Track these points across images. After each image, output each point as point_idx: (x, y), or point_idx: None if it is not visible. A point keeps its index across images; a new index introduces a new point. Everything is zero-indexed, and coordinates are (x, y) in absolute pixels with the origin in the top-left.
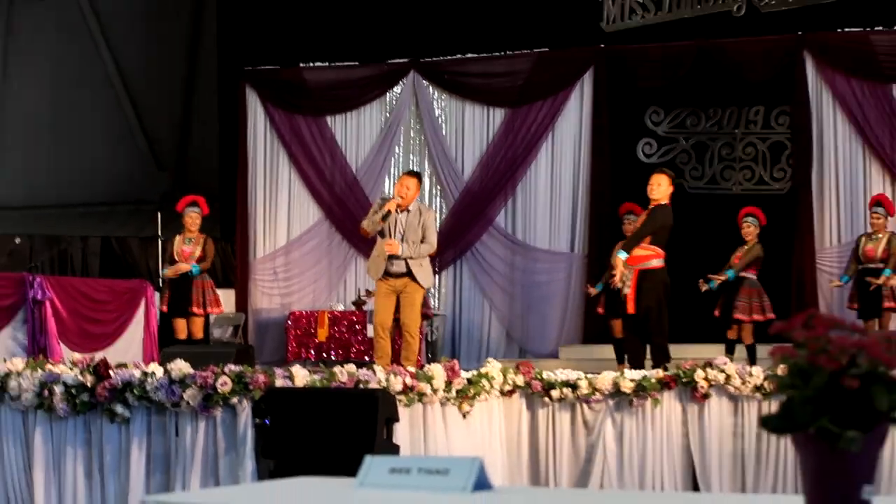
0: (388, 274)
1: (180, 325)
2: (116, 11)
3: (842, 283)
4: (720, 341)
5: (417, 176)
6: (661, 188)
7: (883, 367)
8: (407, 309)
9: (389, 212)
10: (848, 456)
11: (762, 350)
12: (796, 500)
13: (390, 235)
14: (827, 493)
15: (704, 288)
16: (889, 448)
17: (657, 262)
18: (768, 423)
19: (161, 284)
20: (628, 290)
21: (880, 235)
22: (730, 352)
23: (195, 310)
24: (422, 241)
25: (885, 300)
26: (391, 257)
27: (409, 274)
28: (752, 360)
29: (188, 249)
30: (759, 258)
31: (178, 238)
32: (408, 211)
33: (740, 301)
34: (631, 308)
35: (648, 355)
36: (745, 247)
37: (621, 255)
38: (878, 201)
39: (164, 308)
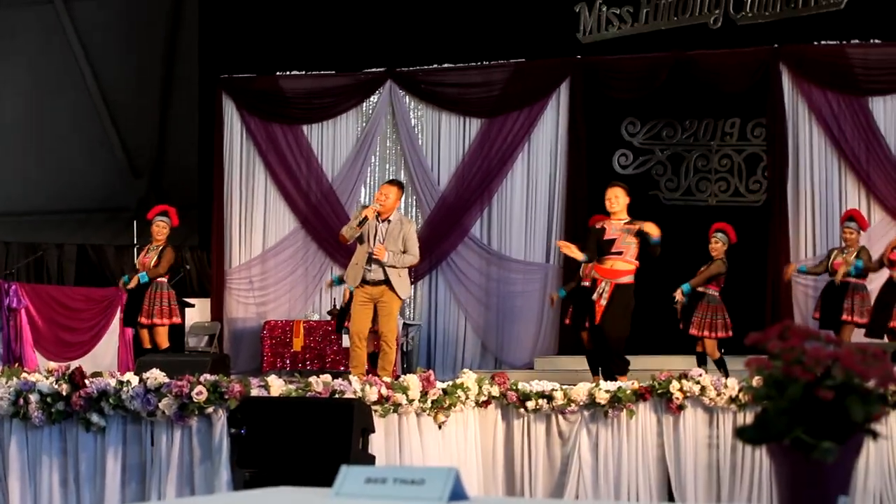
0: (365, 282)
1: (143, 335)
2: (94, 20)
3: (799, 271)
4: (693, 353)
5: (398, 185)
6: (619, 200)
7: (857, 379)
8: (384, 319)
9: (367, 218)
10: (823, 466)
11: (737, 362)
12: None
13: (369, 244)
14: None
15: (680, 299)
16: (863, 459)
17: (630, 279)
18: (743, 434)
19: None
20: (604, 302)
21: (852, 249)
22: (701, 364)
23: (142, 320)
24: (404, 252)
25: (845, 313)
26: (369, 263)
27: (386, 282)
28: (724, 373)
29: (148, 258)
30: (720, 275)
31: (146, 248)
32: (388, 221)
33: (696, 316)
34: (597, 318)
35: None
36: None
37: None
38: (850, 216)
39: (121, 315)
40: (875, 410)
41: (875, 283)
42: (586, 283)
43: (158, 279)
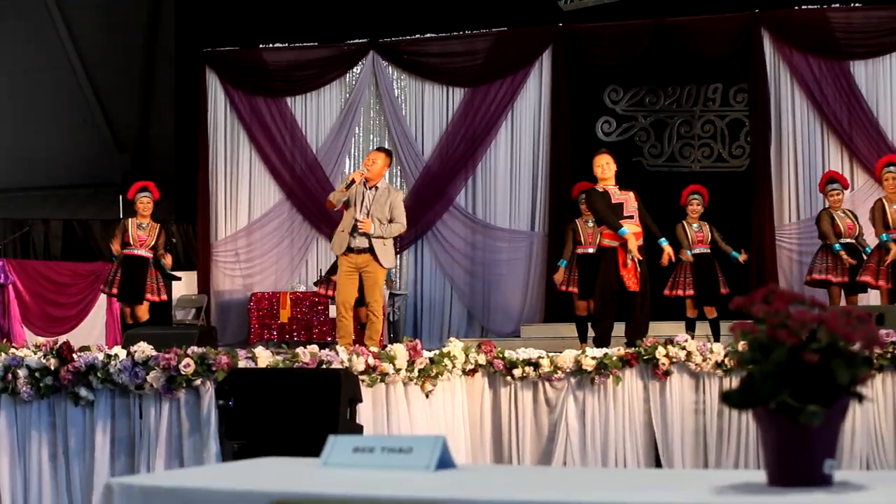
0: (350, 249)
1: (127, 311)
2: None
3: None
4: (681, 318)
5: (387, 152)
6: (610, 167)
7: (843, 342)
8: (370, 289)
9: (353, 181)
10: (809, 430)
11: (724, 327)
12: (758, 475)
13: (356, 209)
14: (788, 468)
15: (686, 257)
16: (850, 422)
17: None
18: (729, 399)
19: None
20: (631, 264)
21: (843, 211)
22: (690, 329)
23: (150, 297)
24: (390, 221)
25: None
26: (354, 231)
27: (371, 251)
28: (715, 335)
29: (142, 235)
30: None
31: (130, 221)
32: (376, 188)
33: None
34: (634, 284)
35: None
36: (704, 225)
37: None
38: (829, 178)
39: (115, 290)
40: (860, 373)
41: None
42: (591, 251)
43: (143, 254)
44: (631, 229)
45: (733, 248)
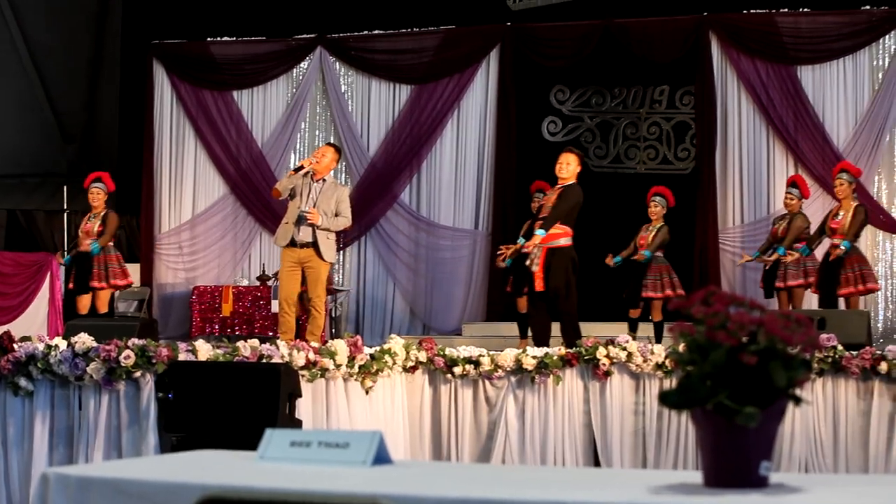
0: (293, 243)
1: (83, 302)
2: None
3: (752, 258)
4: (623, 319)
5: (336, 148)
6: (570, 167)
7: (781, 344)
8: (312, 284)
9: (303, 167)
10: (745, 432)
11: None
12: (695, 476)
13: (302, 201)
14: (724, 469)
15: (611, 262)
16: (788, 425)
17: (565, 241)
18: (667, 399)
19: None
20: (536, 268)
21: (790, 215)
22: (632, 330)
23: (96, 284)
24: (336, 216)
25: (778, 280)
26: (299, 224)
27: (314, 245)
28: (658, 336)
29: (90, 226)
30: (666, 241)
31: (86, 216)
32: (323, 181)
33: (649, 279)
34: (539, 286)
35: (556, 332)
36: (652, 227)
37: (540, 234)
38: (794, 182)
39: (71, 285)
40: (798, 376)
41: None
42: (526, 251)
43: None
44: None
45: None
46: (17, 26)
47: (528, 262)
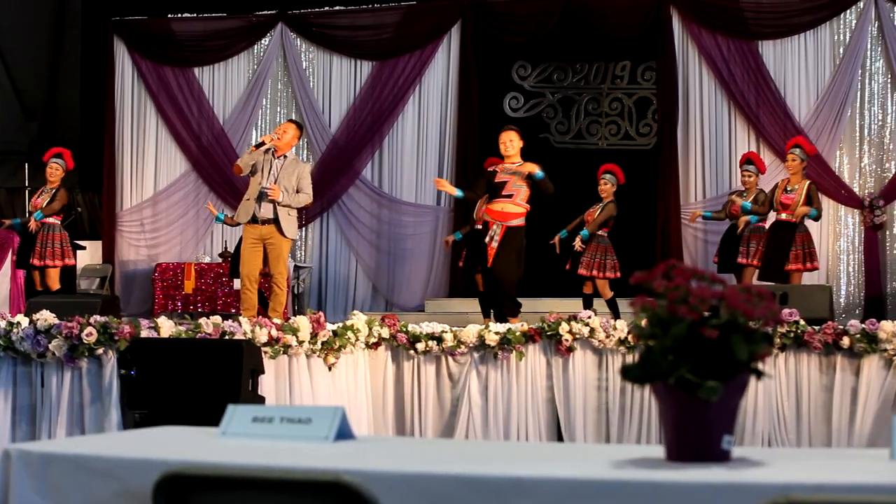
0: (255, 220)
1: (35, 277)
2: None
3: (703, 217)
4: (580, 296)
5: (298, 125)
6: (514, 143)
7: (742, 318)
8: (274, 261)
9: (264, 143)
10: (707, 405)
11: (625, 304)
12: (658, 451)
13: (263, 177)
14: (686, 443)
15: (555, 241)
16: (751, 401)
17: (520, 221)
18: (628, 373)
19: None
20: (495, 245)
21: (750, 192)
22: (587, 306)
23: (34, 262)
24: (297, 192)
25: (740, 256)
26: (260, 200)
27: (275, 221)
28: (615, 314)
29: (41, 200)
30: (612, 217)
31: (39, 190)
32: (284, 157)
33: (585, 257)
34: (489, 261)
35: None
36: (600, 204)
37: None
38: (748, 159)
39: (14, 257)
40: (760, 350)
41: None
42: (479, 227)
43: (50, 220)
44: (498, 207)
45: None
46: None
47: (487, 239)
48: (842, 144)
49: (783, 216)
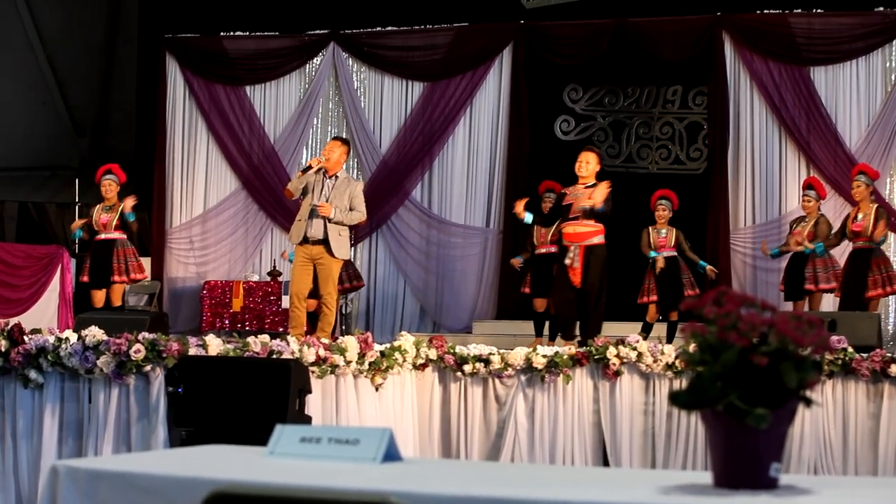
0: (305, 240)
1: (98, 296)
2: None
3: (770, 253)
4: (635, 319)
5: (344, 141)
6: (589, 166)
7: (792, 345)
8: (324, 281)
9: (311, 166)
10: (756, 433)
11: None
12: (705, 477)
13: (314, 197)
14: (734, 470)
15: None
16: (798, 428)
17: (600, 239)
18: (677, 399)
19: (77, 251)
20: (577, 266)
21: (811, 219)
22: (644, 332)
23: (116, 278)
24: (351, 210)
25: (808, 282)
26: (311, 218)
27: (325, 242)
28: (670, 336)
29: (106, 218)
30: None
31: (97, 207)
32: (336, 177)
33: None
34: (577, 282)
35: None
36: (665, 230)
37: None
38: (809, 184)
39: (86, 278)
40: (809, 377)
41: (839, 253)
42: (542, 251)
43: (116, 235)
44: (570, 229)
45: (700, 257)
46: (31, 19)
47: (567, 261)
48: (892, 171)
49: (859, 243)
